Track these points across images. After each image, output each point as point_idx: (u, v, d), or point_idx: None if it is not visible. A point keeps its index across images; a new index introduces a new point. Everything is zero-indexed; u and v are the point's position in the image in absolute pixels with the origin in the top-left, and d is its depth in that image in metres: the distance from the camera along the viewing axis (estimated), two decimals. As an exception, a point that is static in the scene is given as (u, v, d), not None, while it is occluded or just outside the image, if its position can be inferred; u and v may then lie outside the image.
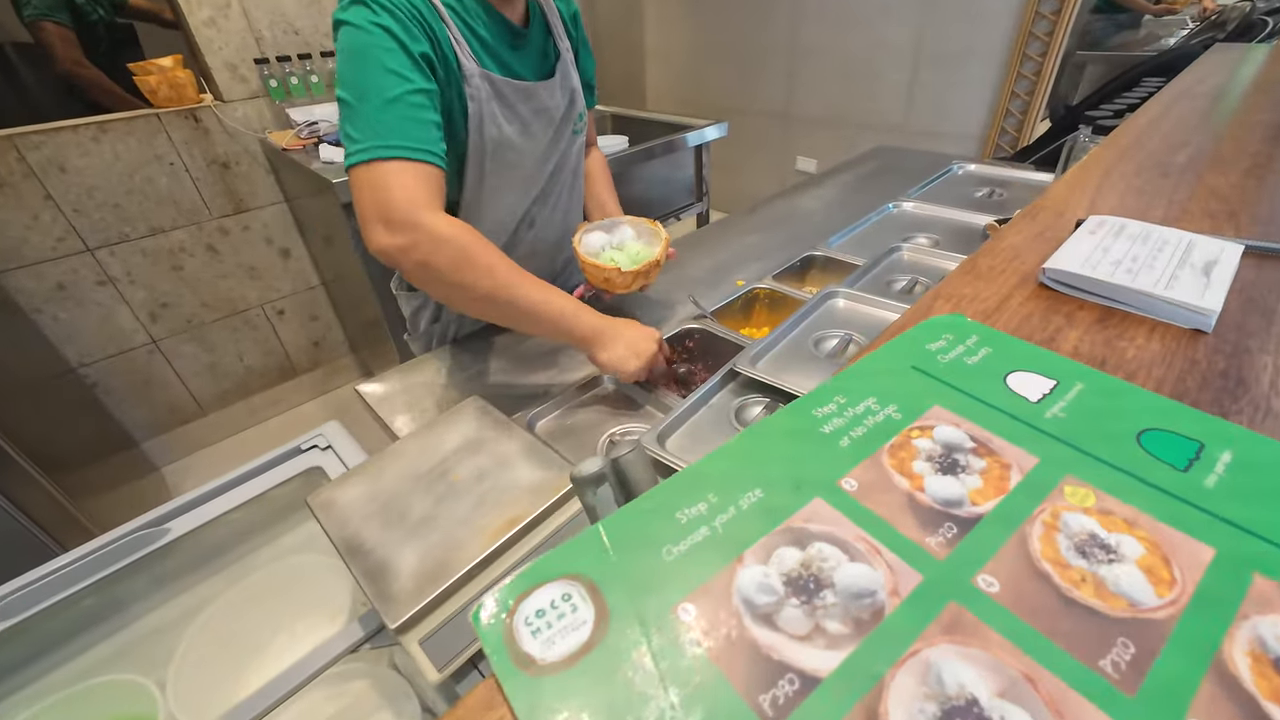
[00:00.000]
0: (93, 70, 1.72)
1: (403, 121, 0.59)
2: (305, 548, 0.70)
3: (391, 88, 0.58)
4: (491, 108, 0.70)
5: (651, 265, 0.78)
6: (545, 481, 0.53)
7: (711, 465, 0.26)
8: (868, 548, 0.22)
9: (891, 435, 0.27)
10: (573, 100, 0.83)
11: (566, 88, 0.81)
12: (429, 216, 0.59)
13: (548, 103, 0.78)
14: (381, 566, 0.47)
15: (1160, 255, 0.38)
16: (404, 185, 0.58)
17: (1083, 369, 0.31)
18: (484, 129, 0.71)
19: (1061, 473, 0.25)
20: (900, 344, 0.34)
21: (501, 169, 0.76)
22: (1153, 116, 0.76)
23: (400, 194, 0.58)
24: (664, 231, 0.83)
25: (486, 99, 0.69)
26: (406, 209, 0.58)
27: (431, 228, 0.59)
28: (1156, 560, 0.21)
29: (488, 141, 0.72)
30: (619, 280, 0.77)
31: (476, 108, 0.69)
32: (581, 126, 0.86)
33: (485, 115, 0.70)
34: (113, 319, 1.73)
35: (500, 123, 0.72)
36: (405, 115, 0.59)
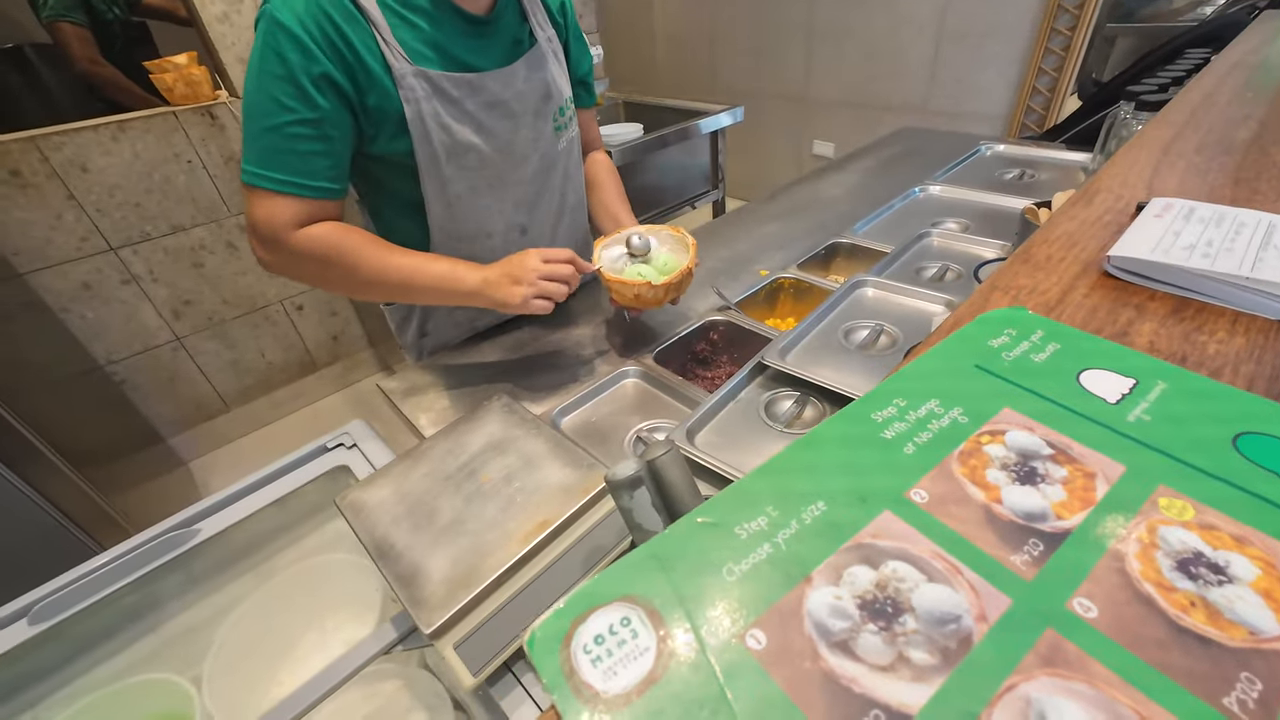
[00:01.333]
0: (109, 69, 1.73)
1: (277, 154, 0.61)
2: (331, 547, 0.70)
3: (272, 116, 0.59)
4: (433, 107, 0.65)
5: (684, 275, 0.72)
6: (575, 482, 0.52)
7: (764, 477, 0.25)
8: (947, 567, 0.20)
9: (960, 441, 0.25)
10: (546, 93, 0.76)
11: (535, 78, 0.74)
12: (288, 238, 0.64)
13: (502, 94, 0.71)
14: (413, 570, 0.46)
15: (1239, 238, 0.36)
16: (269, 212, 0.63)
17: (1163, 366, 0.28)
18: (429, 133, 0.66)
19: (1153, 483, 0.23)
20: (959, 341, 0.32)
21: (465, 173, 0.71)
22: (1206, 90, 0.72)
23: (265, 220, 0.63)
24: (690, 237, 0.77)
25: (425, 98, 0.64)
26: (272, 232, 0.64)
27: (291, 247, 0.65)
28: (1275, 583, 0.19)
29: (438, 146, 0.67)
30: (650, 295, 0.71)
31: (414, 109, 0.64)
32: (564, 123, 0.80)
33: (426, 116, 0.65)
34: (137, 317, 1.76)
35: (447, 123, 0.67)
36: (280, 147, 0.61)
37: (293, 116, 0.59)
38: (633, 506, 0.41)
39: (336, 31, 0.59)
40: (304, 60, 0.58)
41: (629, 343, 0.85)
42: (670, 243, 0.80)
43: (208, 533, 0.63)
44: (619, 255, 0.78)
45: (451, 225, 0.75)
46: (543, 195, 0.82)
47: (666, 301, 0.75)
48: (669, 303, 0.76)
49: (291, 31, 0.57)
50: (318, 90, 0.59)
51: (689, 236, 0.77)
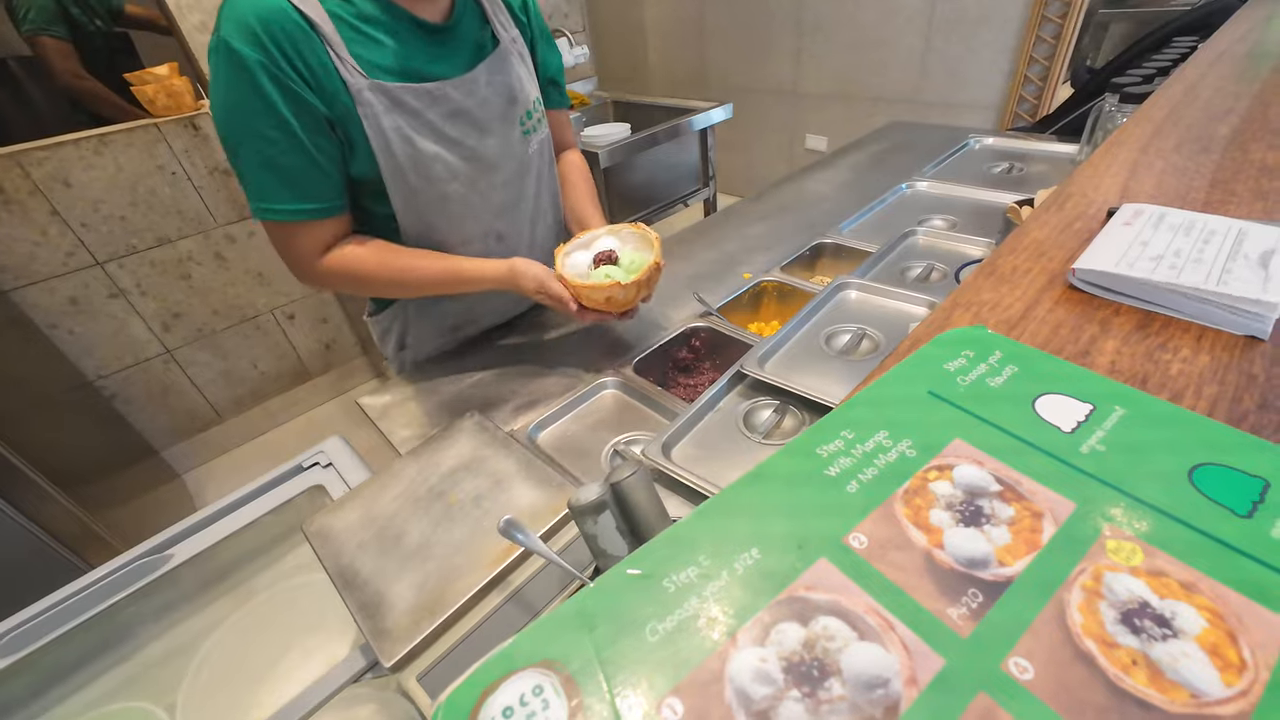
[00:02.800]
0: (91, 81, 1.72)
1: (277, 186, 0.61)
2: (309, 567, 0.69)
3: (259, 150, 0.59)
4: (393, 120, 0.64)
5: (652, 270, 0.70)
6: (544, 503, 0.51)
7: (703, 519, 0.24)
8: (880, 623, 0.19)
9: (906, 478, 0.24)
10: (511, 97, 0.74)
11: (498, 82, 0.72)
12: (315, 266, 0.67)
13: (465, 103, 0.69)
14: (377, 599, 0.46)
15: (1208, 247, 0.34)
16: (291, 244, 0.66)
17: (1122, 389, 0.27)
18: (390, 146, 0.64)
19: (1102, 522, 0.22)
20: (914, 364, 0.30)
21: (433, 184, 0.70)
22: (1189, 82, 0.70)
23: (291, 254, 0.67)
24: (652, 232, 0.75)
25: (384, 111, 0.63)
26: (298, 264, 0.68)
27: (323, 272, 0.68)
28: (1221, 636, 0.18)
29: (402, 159, 0.66)
30: (621, 296, 0.69)
31: (374, 124, 0.62)
32: (532, 126, 0.78)
33: (387, 129, 0.63)
34: (126, 330, 1.75)
35: (409, 135, 0.65)
36: (277, 178, 0.61)
37: (279, 146, 0.59)
38: (597, 532, 0.40)
39: (295, 51, 0.57)
40: (273, 86, 0.56)
41: (608, 352, 0.84)
42: (634, 241, 0.77)
43: (181, 557, 0.62)
44: (584, 262, 0.75)
45: (427, 237, 0.74)
46: (518, 201, 0.81)
47: (639, 300, 0.73)
48: (641, 301, 0.74)
49: (257, 61, 0.55)
50: (294, 114, 0.58)
51: (651, 232, 0.75)
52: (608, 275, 0.70)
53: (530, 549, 0.42)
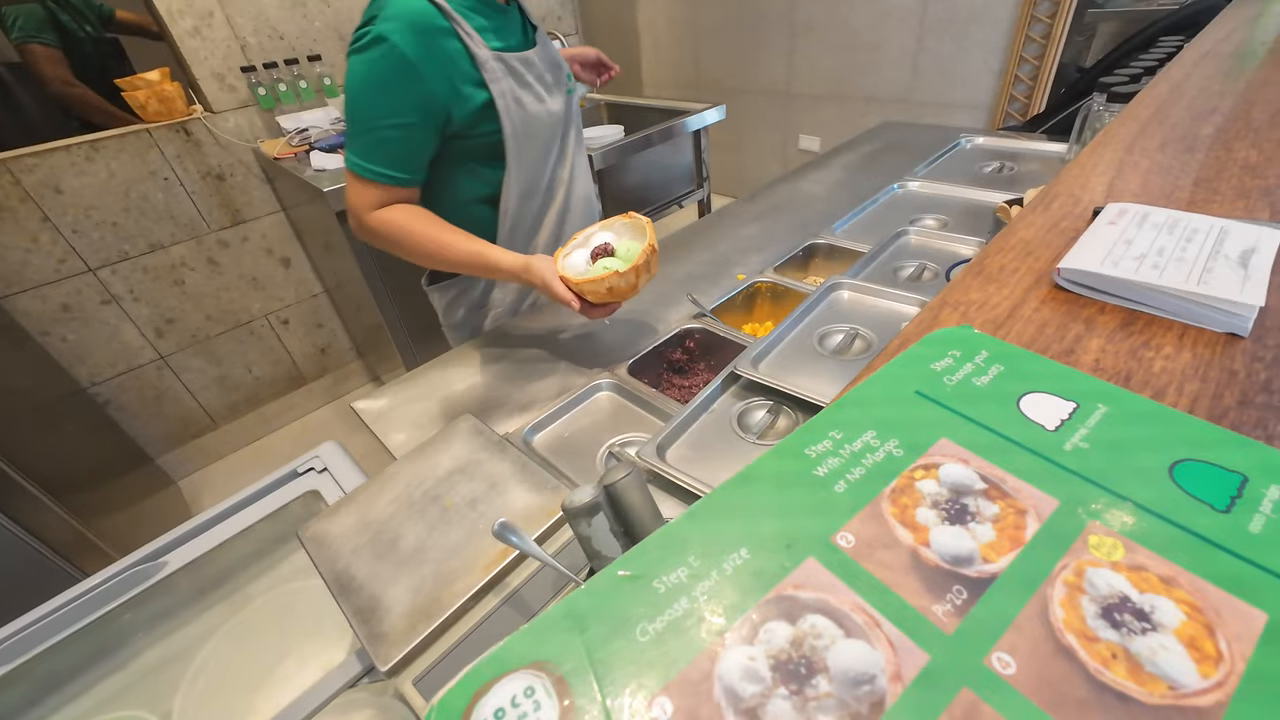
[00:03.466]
0: (81, 88, 1.72)
1: (373, 149, 0.74)
2: (305, 573, 0.69)
3: (374, 120, 0.72)
4: (509, 84, 0.77)
5: (648, 254, 0.71)
6: (539, 506, 0.51)
7: (694, 521, 0.24)
8: (866, 620, 0.20)
9: (893, 477, 0.25)
10: (557, 64, 0.88)
11: (548, 54, 0.87)
12: (370, 217, 0.78)
13: (540, 68, 0.83)
14: (373, 604, 0.46)
15: (1190, 246, 0.35)
16: (361, 195, 0.77)
17: (1105, 387, 0.28)
18: (510, 111, 0.78)
19: (1085, 518, 0.22)
20: (903, 364, 0.31)
21: (530, 141, 0.83)
22: (1175, 82, 0.71)
23: (355, 201, 0.77)
24: (643, 218, 0.76)
25: (503, 77, 0.77)
26: (358, 212, 0.78)
27: (371, 225, 0.78)
28: (1199, 629, 0.18)
29: (516, 121, 0.79)
30: (622, 285, 0.70)
31: (499, 89, 0.76)
32: (573, 87, 0.92)
33: (508, 94, 0.77)
34: (119, 337, 1.74)
35: (520, 97, 0.79)
36: (376, 144, 0.73)
37: (389, 122, 0.72)
38: (591, 534, 0.40)
39: (439, 48, 0.70)
40: (411, 81, 0.70)
41: (603, 354, 0.84)
42: (628, 231, 0.78)
43: (176, 564, 0.62)
44: (582, 260, 0.77)
45: (525, 185, 0.86)
46: (566, 149, 0.93)
47: (642, 286, 0.74)
48: (644, 286, 0.74)
49: (405, 57, 0.68)
50: (416, 107, 0.72)
51: (641, 218, 0.76)
52: (605, 267, 0.72)
53: (525, 552, 0.42)
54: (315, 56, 1.81)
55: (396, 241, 0.79)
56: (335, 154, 1.57)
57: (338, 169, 1.49)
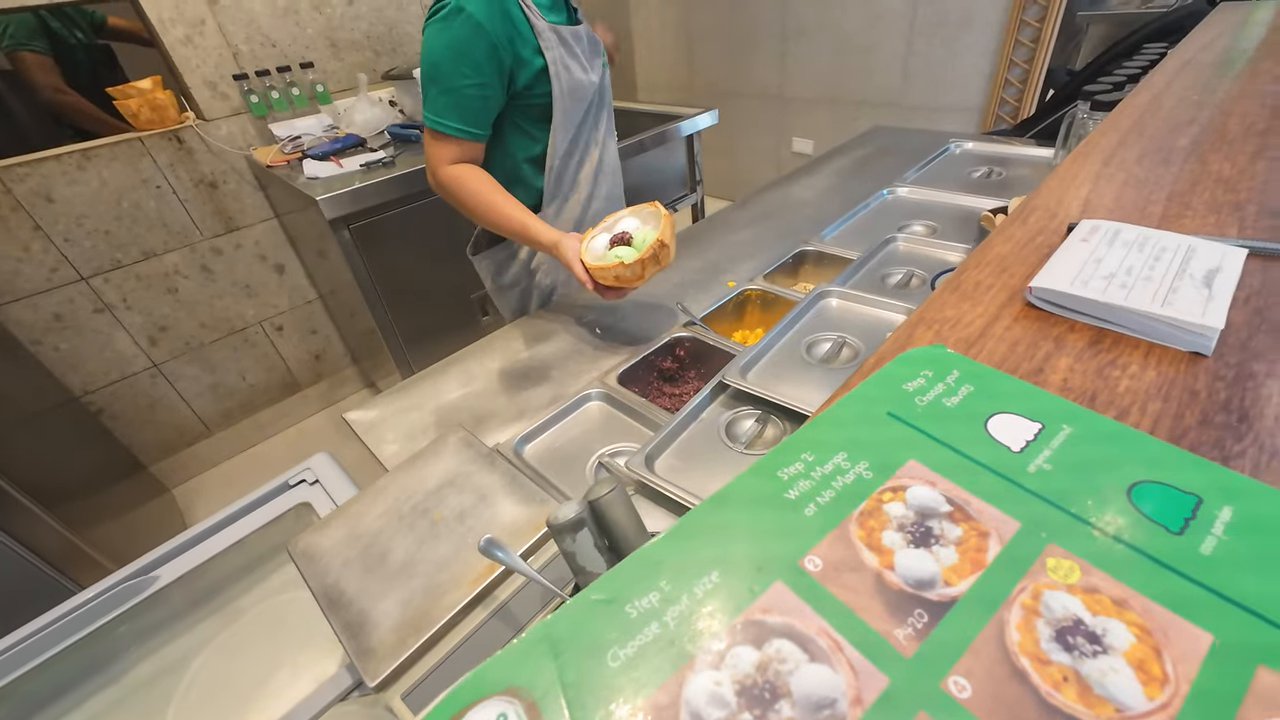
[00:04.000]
0: (73, 96, 1.71)
1: (452, 108, 0.83)
2: (297, 583, 0.69)
3: (454, 80, 0.80)
4: (560, 53, 0.86)
5: (657, 246, 0.74)
6: (527, 519, 0.51)
7: (669, 543, 0.25)
8: (830, 644, 0.20)
9: (862, 499, 0.25)
10: (594, 40, 0.99)
11: (587, 31, 0.96)
12: (443, 171, 0.87)
13: (585, 42, 0.93)
14: (362, 618, 0.46)
15: (1158, 265, 0.36)
16: (439, 151, 0.87)
17: (1071, 408, 0.28)
18: (560, 76, 0.86)
19: (1044, 541, 0.23)
20: (876, 384, 0.31)
21: (575, 105, 0.92)
22: (1155, 92, 0.72)
23: (434, 155, 0.87)
24: (663, 209, 0.81)
25: (556, 46, 0.85)
26: (434, 165, 0.88)
27: (442, 178, 0.88)
28: (1147, 651, 0.19)
29: (565, 85, 0.87)
30: (628, 274, 0.75)
31: (553, 56, 0.84)
32: (606, 62, 1.02)
33: (559, 62, 0.85)
34: (112, 345, 1.74)
35: (569, 64, 0.87)
36: (456, 103, 0.82)
37: (468, 82, 0.81)
38: (575, 550, 0.41)
39: (508, 19, 0.79)
40: (487, 47, 0.79)
41: (594, 363, 0.84)
42: (652, 220, 0.82)
43: (167, 578, 0.62)
44: (603, 245, 0.82)
45: (565, 145, 0.95)
46: (604, 118, 1.03)
47: (650, 275, 0.77)
48: (654, 274, 0.78)
49: (482, 25, 0.77)
50: (491, 69, 0.81)
51: (662, 210, 0.81)
52: (616, 256, 0.78)
53: (510, 567, 0.43)
54: (308, 64, 1.82)
55: (461, 198, 0.88)
56: (327, 161, 1.57)
57: (330, 176, 1.50)
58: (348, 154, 1.63)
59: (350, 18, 1.89)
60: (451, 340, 1.55)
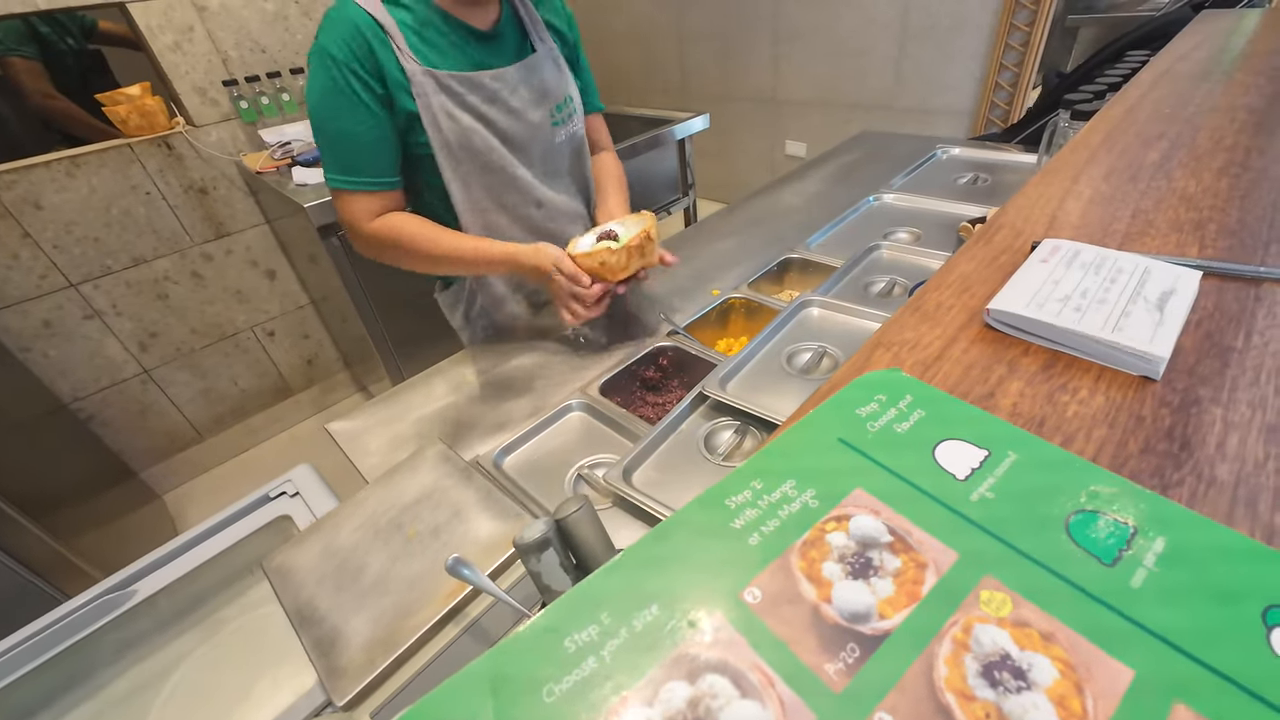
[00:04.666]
0: (62, 101, 1.71)
1: (347, 157, 0.77)
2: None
3: (341, 130, 0.75)
4: (440, 100, 0.78)
5: (642, 239, 0.79)
6: (501, 534, 0.52)
7: (612, 574, 0.25)
8: (761, 679, 0.21)
9: (805, 529, 0.26)
10: (543, 91, 0.88)
11: (533, 79, 0.87)
12: (368, 226, 0.81)
13: (498, 91, 0.83)
14: (333, 636, 0.46)
15: (1113, 288, 0.36)
16: (351, 209, 0.80)
17: (1018, 434, 0.29)
18: (437, 121, 0.79)
19: (980, 572, 0.23)
20: (830, 410, 0.32)
21: (472, 155, 0.83)
22: (1130, 104, 0.72)
23: (349, 215, 0.81)
24: (648, 214, 0.86)
25: (432, 93, 0.77)
26: (355, 224, 0.81)
27: (370, 236, 0.81)
28: (1069, 687, 0.19)
29: (447, 133, 0.80)
30: (614, 261, 0.78)
31: (425, 103, 0.77)
32: (562, 118, 0.92)
33: (436, 109, 0.78)
34: (102, 352, 1.74)
35: (451, 111, 0.79)
36: (353, 154, 0.77)
37: (355, 128, 0.75)
38: (541, 570, 0.41)
39: (370, 52, 0.72)
40: (355, 82, 0.72)
41: (576, 373, 0.85)
42: (637, 225, 0.86)
43: (146, 591, 0.63)
44: (589, 242, 0.84)
45: (467, 197, 0.86)
46: (552, 177, 0.95)
47: (634, 268, 0.80)
48: (638, 269, 0.81)
49: (340, 60, 0.71)
50: (368, 105, 0.74)
51: (647, 214, 0.86)
52: (604, 245, 0.80)
53: (478, 587, 0.43)
54: (298, 69, 1.82)
55: (400, 247, 0.82)
56: (316, 168, 1.57)
57: (320, 183, 1.50)
58: (337, 160, 1.63)
59: (340, 23, 1.89)
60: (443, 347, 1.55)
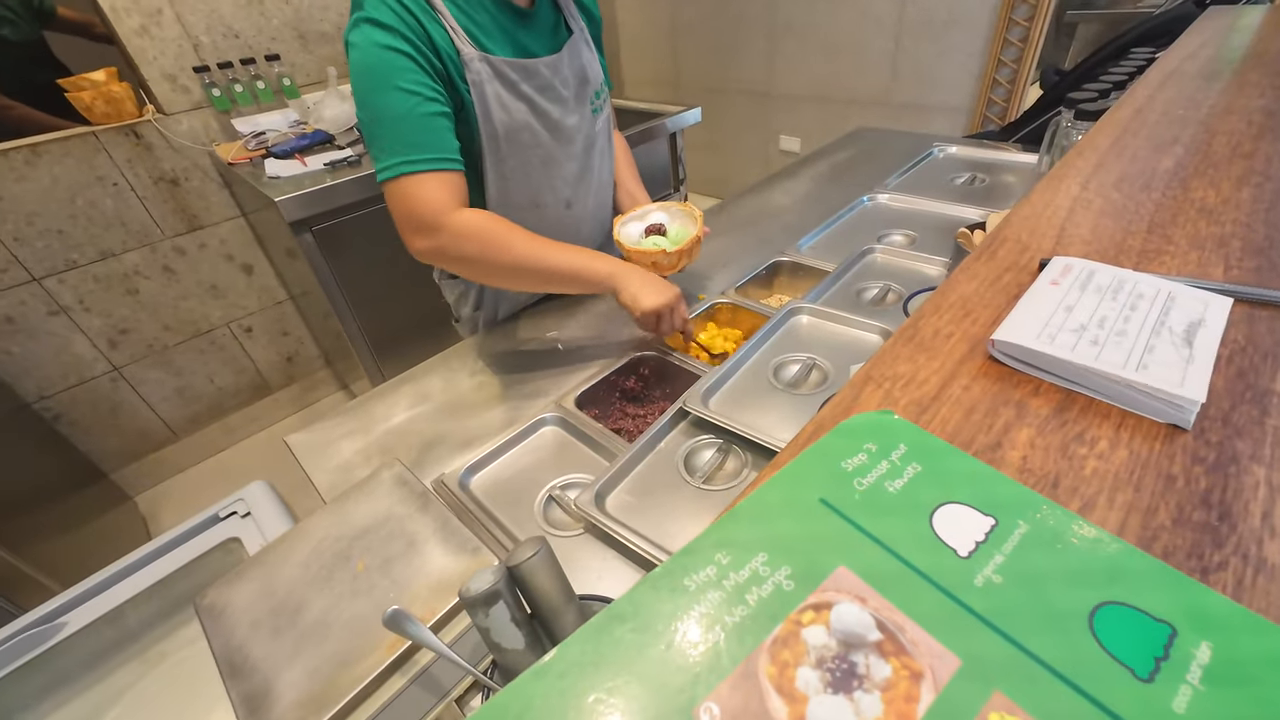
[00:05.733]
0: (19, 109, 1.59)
1: (417, 135, 0.66)
2: (226, 627, 0.65)
3: (401, 104, 0.65)
4: (495, 88, 0.72)
5: (693, 242, 0.81)
6: (456, 573, 0.47)
7: (541, 680, 0.21)
8: (714, 839, 0.16)
9: (778, 620, 0.21)
10: (584, 78, 0.83)
11: (575, 65, 0.81)
12: (451, 218, 0.68)
13: (552, 79, 0.77)
14: (264, 689, 0.42)
15: (1134, 316, 0.32)
16: (425, 196, 0.67)
17: (1029, 497, 0.25)
18: (490, 111, 0.72)
19: (988, 687, 0.19)
20: (811, 460, 0.27)
21: (519, 150, 0.77)
22: (1138, 104, 0.68)
23: (423, 204, 0.67)
24: (696, 210, 0.86)
25: (488, 80, 0.71)
26: (431, 216, 0.67)
27: (454, 227, 0.68)
28: None
29: (497, 124, 0.73)
30: (665, 262, 0.80)
31: (479, 91, 0.70)
32: (599, 105, 0.87)
33: (489, 97, 0.71)
34: (69, 349, 1.67)
35: (506, 102, 0.73)
36: (418, 128, 0.66)
37: (419, 99, 0.65)
38: (489, 625, 0.37)
39: (420, 24, 0.65)
40: (411, 49, 0.64)
41: (554, 381, 0.80)
42: (680, 217, 0.88)
43: (76, 625, 0.58)
44: (637, 232, 0.86)
45: (504, 197, 0.80)
46: (585, 172, 0.88)
47: (680, 267, 0.83)
48: (682, 268, 0.84)
49: (393, 28, 0.63)
50: (429, 75, 0.66)
51: (696, 210, 0.86)
52: (655, 244, 0.81)
53: (420, 643, 0.38)
54: (274, 56, 1.74)
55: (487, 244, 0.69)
56: (291, 160, 1.51)
57: (293, 175, 1.44)
58: (314, 151, 1.57)
59: (319, 8, 1.82)
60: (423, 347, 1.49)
